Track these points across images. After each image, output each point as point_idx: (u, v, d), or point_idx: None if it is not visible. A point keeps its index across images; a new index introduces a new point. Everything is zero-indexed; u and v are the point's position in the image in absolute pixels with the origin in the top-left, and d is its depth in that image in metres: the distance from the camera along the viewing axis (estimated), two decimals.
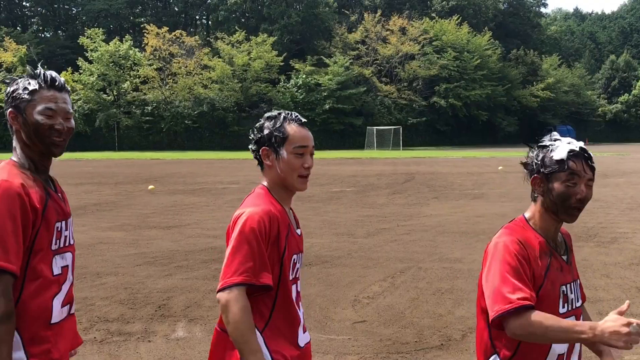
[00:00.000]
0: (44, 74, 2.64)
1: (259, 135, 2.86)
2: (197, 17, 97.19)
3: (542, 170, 2.58)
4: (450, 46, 77.28)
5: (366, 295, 7.97)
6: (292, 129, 2.83)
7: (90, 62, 67.56)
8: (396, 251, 10.80)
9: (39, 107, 2.59)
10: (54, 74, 2.67)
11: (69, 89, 2.72)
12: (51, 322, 2.60)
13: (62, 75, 60.22)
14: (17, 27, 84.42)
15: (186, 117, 67.56)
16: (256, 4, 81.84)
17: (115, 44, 67.88)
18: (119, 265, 9.73)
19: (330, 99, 68.81)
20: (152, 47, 69.05)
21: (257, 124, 2.92)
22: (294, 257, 2.81)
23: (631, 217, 14.77)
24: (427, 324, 6.82)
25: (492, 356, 2.60)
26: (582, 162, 2.54)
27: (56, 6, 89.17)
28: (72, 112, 2.70)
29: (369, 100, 73.64)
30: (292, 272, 2.81)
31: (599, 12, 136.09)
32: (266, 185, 2.87)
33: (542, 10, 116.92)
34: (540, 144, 2.65)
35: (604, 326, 2.27)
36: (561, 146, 2.57)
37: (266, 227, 2.66)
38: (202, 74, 69.27)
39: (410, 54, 75.34)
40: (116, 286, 8.40)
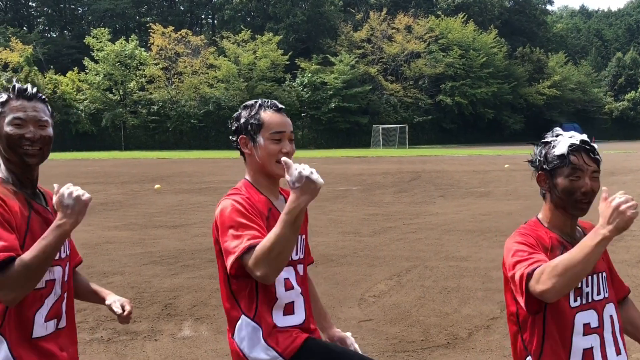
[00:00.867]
0: (13, 86, 2.62)
1: (236, 124, 2.88)
2: (203, 16, 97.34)
3: (545, 166, 2.60)
4: (456, 44, 77.23)
5: (372, 293, 7.96)
6: (267, 115, 2.82)
7: (96, 61, 67.69)
8: (402, 250, 10.79)
9: (8, 118, 2.56)
10: (26, 85, 2.64)
11: (43, 98, 2.67)
12: (32, 337, 2.54)
13: (68, 75, 60.15)
14: (24, 27, 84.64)
15: (192, 117, 67.65)
16: (262, 2, 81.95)
17: (121, 43, 67.99)
18: (126, 264, 9.75)
19: (335, 98, 68.82)
20: (157, 46, 69.15)
21: (234, 114, 2.93)
22: None
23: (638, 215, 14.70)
24: (434, 322, 6.81)
25: (527, 358, 2.62)
26: (583, 155, 2.54)
27: (62, 6, 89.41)
28: (46, 119, 2.63)
29: (374, 98, 73.63)
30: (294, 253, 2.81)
31: (605, 10, 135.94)
32: (248, 178, 2.90)
33: (548, 7, 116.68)
34: (542, 140, 2.66)
35: (602, 216, 2.28)
36: (562, 141, 2.57)
37: (246, 204, 2.71)
38: (207, 73, 69.36)
39: (416, 52, 75.30)
40: (122, 285, 8.42)
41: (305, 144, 64.91)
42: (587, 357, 2.55)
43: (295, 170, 2.47)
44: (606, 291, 2.67)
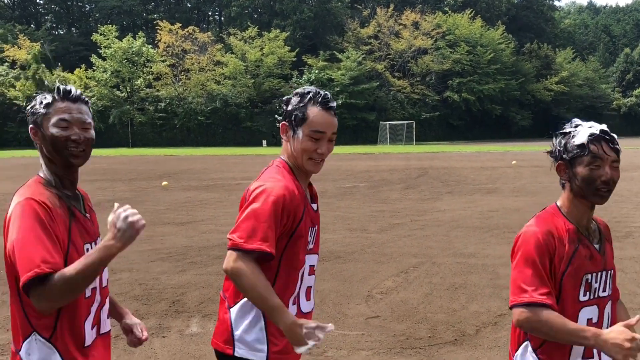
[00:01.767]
0: (58, 87, 2.62)
1: (284, 108, 2.85)
2: (210, 13, 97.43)
3: (564, 156, 2.61)
4: (463, 40, 77.07)
5: (379, 290, 7.96)
6: (313, 111, 2.77)
7: (103, 59, 67.85)
8: (409, 246, 10.78)
9: (53, 119, 2.56)
10: (70, 86, 2.65)
11: (86, 100, 2.69)
12: (85, 346, 2.57)
13: (76, 72, 60.35)
14: (31, 25, 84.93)
15: (199, 113, 67.72)
16: None
17: (128, 40, 68.11)
18: (133, 261, 9.77)
19: (343, 94, 68.76)
20: (165, 43, 69.27)
21: (287, 97, 2.89)
22: (309, 229, 2.82)
23: None
24: (441, 319, 6.80)
25: (525, 342, 2.66)
26: (603, 144, 2.55)
27: (69, 3, 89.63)
28: (89, 122, 2.65)
29: (381, 95, 73.55)
30: (311, 243, 2.85)
31: (613, 5, 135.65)
32: (285, 159, 2.86)
33: (556, 3, 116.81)
34: (562, 130, 2.67)
35: (608, 336, 2.33)
36: (582, 131, 2.59)
37: (286, 201, 2.67)
38: (214, 70, 69.44)
39: (423, 48, 75.18)
40: (130, 282, 8.44)
41: None
42: (588, 352, 2.59)
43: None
44: (610, 289, 2.71)
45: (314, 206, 2.91)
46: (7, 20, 79.04)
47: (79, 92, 2.66)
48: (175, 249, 10.81)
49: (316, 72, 70.39)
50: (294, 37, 74.98)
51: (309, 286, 2.90)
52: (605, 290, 2.67)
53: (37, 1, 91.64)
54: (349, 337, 6.21)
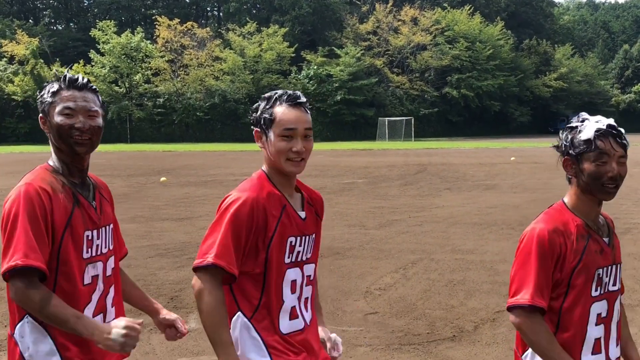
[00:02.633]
0: (65, 76, 2.64)
1: (253, 116, 2.80)
2: (209, 8, 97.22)
3: (571, 151, 2.57)
4: (462, 36, 76.96)
5: (378, 286, 7.96)
6: (280, 110, 2.68)
7: (102, 54, 67.74)
8: (408, 242, 10.78)
9: (58, 108, 2.60)
10: (78, 75, 2.67)
11: (94, 88, 2.71)
12: None
13: (74, 67, 60.25)
14: (29, 20, 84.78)
15: (198, 109, 67.64)
16: None
17: (126, 36, 67.99)
18: (131, 257, 9.75)
19: (341, 90, 68.69)
20: (163, 39, 69.14)
21: (255, 105, 2.84)
22: (290, 239, 2.67)
23: None
24: (439, 315, 6.81)
25: None
26: (610, 139, 2.51)
27: None
28: (96, 110, 2.68)
29: (380, 91, 73.48)
30: (289, 256, 2.67)
31: (612, 2, 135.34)
32: (265, 169, 2.78)
33: None
34: (568, 125, 2.64)
35: None
36: (589, 125, 2.55)
37: (245, 215, 2.56)
38: (213, 66, 69.33)
39: (422, 44, 75.09)
40: None
41: None
42: (597, 347, 2.58)
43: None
44: (619, 283, 2.70)
45: (302, 214, 2.77)
46: (5, 15, 78.88)
47: (86, 80, 2.69)
48: (173, 244, 10.81)
49: (315, 68, 70.30)
50: (293, 33, 74.85)
51: (307, 297, 2.80)
52: (615, 284, 2.66)
53: None
54: (347, 333, 6.21)
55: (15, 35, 68.44)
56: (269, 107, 2.73)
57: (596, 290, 2.57)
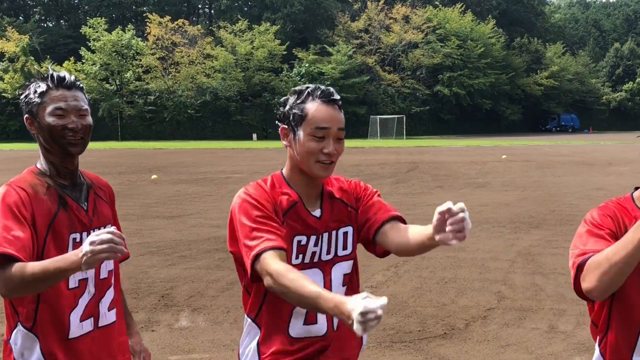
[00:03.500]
0: (51, 74, 2.57)
1: (281, 111, 2.53)
2: (200, 6, 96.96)
3: None
4: (453, 34, 77.12)
5: (369, 284, 7.96)
6: (313, 106, 2.45)
7: (92, 51, 67.46)
8: None
9: (49, 109, 2.52)
10: (63, 73, 2.60)
11: (81, 86, 2.63)
12: (69, 338, 2.52)
13: (64, 65, 59.78)
14: (20, 17, 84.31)
15: (189, 107, 67.51)
16: None
17: (117, 33, 67.72)
18: None
19: (333, 88, 68.58)
20: (154, 36, 68.93)
21: (282, 98, 2.58)
22: (296, 238, 2.46)
23: None
24: (431, 313, 6.82)
25: (597, 336, 2.43)
26: None
27: None
28: (86, 108, 2.61)
29: (372, 89, 73.53)
30: (296, 257, 2.46)
31: (603, 0, 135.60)
32: (283, 171, 2.56)
33: None
34: None
35: None
36: None
37: (254, 199, 2.39)
38: (204, 63, 69.19)
39: (413, 42, 75.19)
40: None
41: None
42: None
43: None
44: None
45: (317, 212, 2.54)
46: None
47: (73, 78, 2.61)
48: (164, 242, 10.79)
49: (306, 65, 70.26)
50: (285, 31, 74.75)
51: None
52: None
53: None
54: None
55: (5, 32, 68.07)
56: (299, 102, 2.48)
57: None
